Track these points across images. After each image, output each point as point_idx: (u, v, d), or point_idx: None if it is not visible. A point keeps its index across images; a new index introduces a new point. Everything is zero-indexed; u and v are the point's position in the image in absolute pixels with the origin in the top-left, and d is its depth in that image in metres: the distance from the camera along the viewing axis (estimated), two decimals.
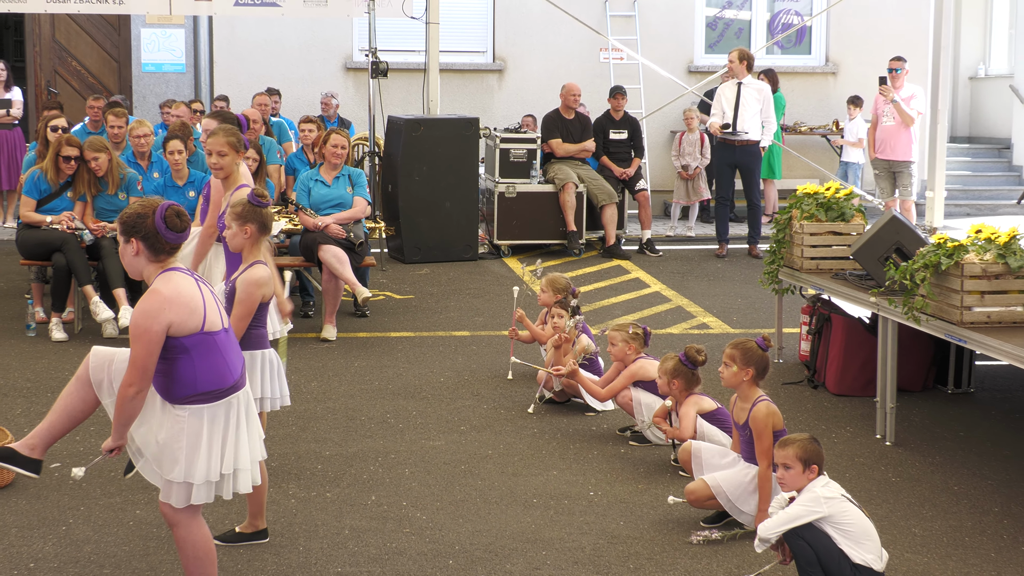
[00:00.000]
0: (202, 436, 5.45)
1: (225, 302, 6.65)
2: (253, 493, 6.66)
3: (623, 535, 7.02)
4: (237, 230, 6.74)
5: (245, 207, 6.76)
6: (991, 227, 7.86)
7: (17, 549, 6.69)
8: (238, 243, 6.78)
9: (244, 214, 6.74)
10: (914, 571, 6.57)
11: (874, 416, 8.90)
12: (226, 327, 5.60)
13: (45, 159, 11.73)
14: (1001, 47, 23.43)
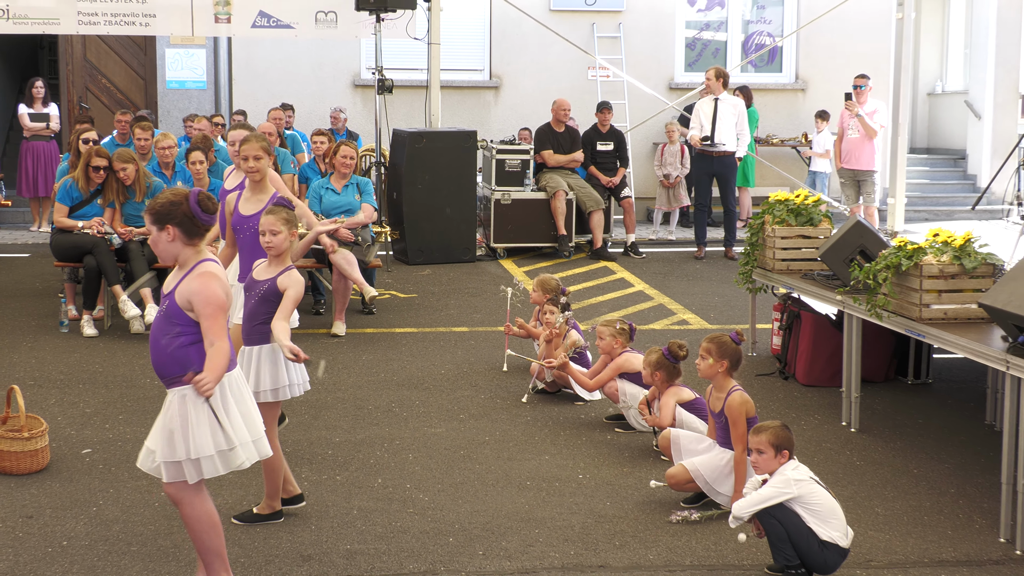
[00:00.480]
0: (202, 413, 5.42)
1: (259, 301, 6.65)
2: (269, 475, 6.68)
3: (609, 514, 7.02)
4: (287, 234, 6.68)
5: (288, 211, 6.74)
6: (948, 231, 7.86)
7: (51, 528, 6.69)
8: (285, 245, 6.71)
9: (288, 217, 6.71)
10: (877, 547, 6.57)
11: (840, 405, 8.90)
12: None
13: (77, 169, 11.73)
14: (956, 66, 23.44)
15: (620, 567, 6.28)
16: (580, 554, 6.44)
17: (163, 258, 5.54)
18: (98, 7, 15.52)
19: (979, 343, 7.01)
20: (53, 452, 7.83)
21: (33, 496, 7.17)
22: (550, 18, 19.17)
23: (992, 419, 8.77)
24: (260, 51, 19.33)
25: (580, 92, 19.10)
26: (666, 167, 17.87)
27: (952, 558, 6.46)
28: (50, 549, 6.40)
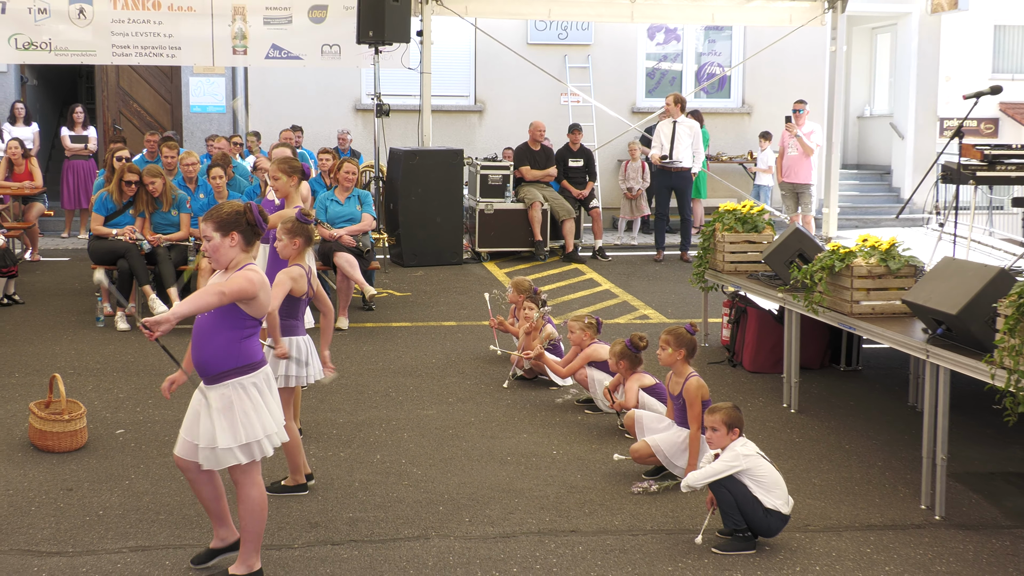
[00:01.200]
0: (247, 401, 5.37)
1: None
2: (292, 454, 6.68)
3: (580, 485, 7.02)
4: (288, 242, 6.72)
5: (294, 223, 6.73)
6: (875, 237, 7.88)
7: (89, 499, 6.66)
8: (288, 252, 6.75)
9: (294, 229, 6.72)
10: (814, 514, 6.59)
11: (781, 389, 8.92)
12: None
13: (111, 183, 11.72)
14: (883, 92, 23.51)
15: (590, 532, 6.28)
16: (554, 520, 6.44)
17: (220, 262, 5.40)
18: (130, 40, 15.48)
19: (903, 335, 7.03)
20: (90, 432, 7.80)
21: (72, 471, 7.14)
22: (527, 50, 19.17)
23: (914, 401, 8.79)
24: (273, 79, 19.30)
25: (554, 115, 19.11)
26: (629, 181, 17.91)
27: (879, 523, 6.47)
28: (88, 518, 6.38)
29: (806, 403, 8.84)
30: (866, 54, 23.91)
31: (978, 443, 7.88)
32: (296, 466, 6.76)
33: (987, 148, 11.49)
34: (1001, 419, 6.05)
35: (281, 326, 6.68)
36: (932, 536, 6.28)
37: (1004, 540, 6.24)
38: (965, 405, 8.19)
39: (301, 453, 6.77)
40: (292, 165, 8.24)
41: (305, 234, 6.73)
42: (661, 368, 7.64)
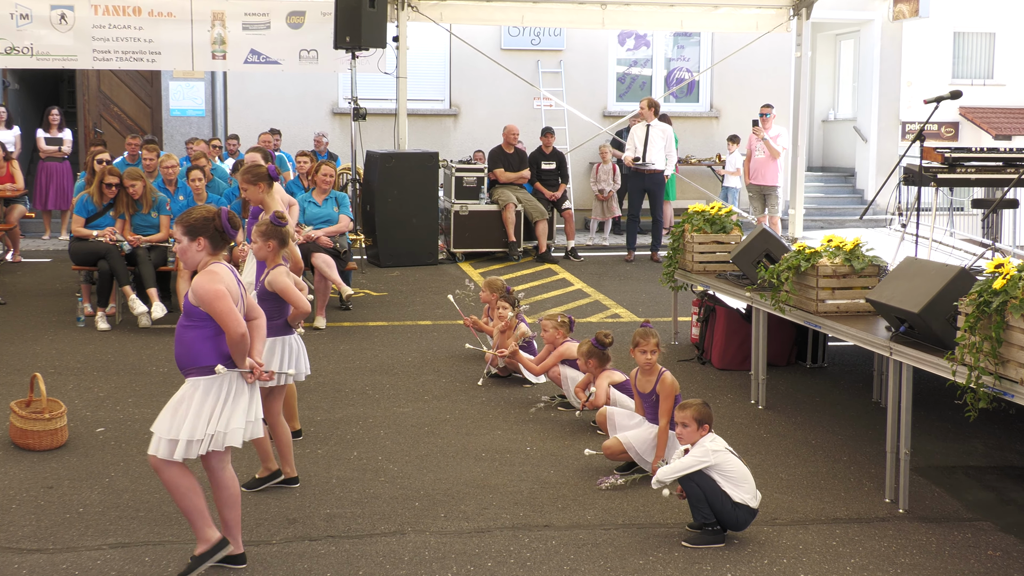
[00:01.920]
0: (194, 403, 5.34)
1: (260, 302, 6.64)
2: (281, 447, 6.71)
3: (553, 481, 7.00)
4: (262, 244, 6.71)
5: (268, 226, 6.70)
6: (840, 238, 7.90)
7: (70, 496, 6.60)
8: (263, 254, 6.76)
9: (267, 232, 6.70)
10: (781, 507, 6.59)
11: (749, 386, 8.93)
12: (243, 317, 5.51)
13: (92, 185, 11.64)
14: (846, 96, 23.63)
15: (562, 526, 6.27)
16: (528, 515, 6.42)
17: (188, 265, 5.48)
18: (111, 45, 15.39)
19: (867, 332, 7.04)
20: (71, 431, 7.74)
21: (53, 469, 7.08)
22: (501, 56, 19.16)
23: (878, 397, 8.82)
24: (251, 83, 19.24)
25: (527, 119, 19.12)
26: (600, 183, 17.92)
27: (845, 516, 6.48)
28: (68, 515, 6.32)
29: (773, 399, 8.85)
30: (830, 60, 24.02)
31: (940, 438, 7.90)
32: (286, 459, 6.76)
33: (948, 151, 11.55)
34: (962, 414, 6.07)
35: (271, 327, 6.63)
36: (896, 529, 6.29)
37: (966, 532, 6.26)
38: (927, 401, 8.23)
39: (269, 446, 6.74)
40: (255, 173, 8.14)
41: (278, 236, 6.70)
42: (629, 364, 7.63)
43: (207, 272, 5.39)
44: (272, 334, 6.64)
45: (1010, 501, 6.77)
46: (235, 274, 5.54)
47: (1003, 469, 7.35)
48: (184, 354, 5.42)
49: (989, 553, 5.97)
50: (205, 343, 5.38)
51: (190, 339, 5.39)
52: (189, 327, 5.40)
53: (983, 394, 5.78)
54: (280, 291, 6.60)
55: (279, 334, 6.75)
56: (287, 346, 6.83)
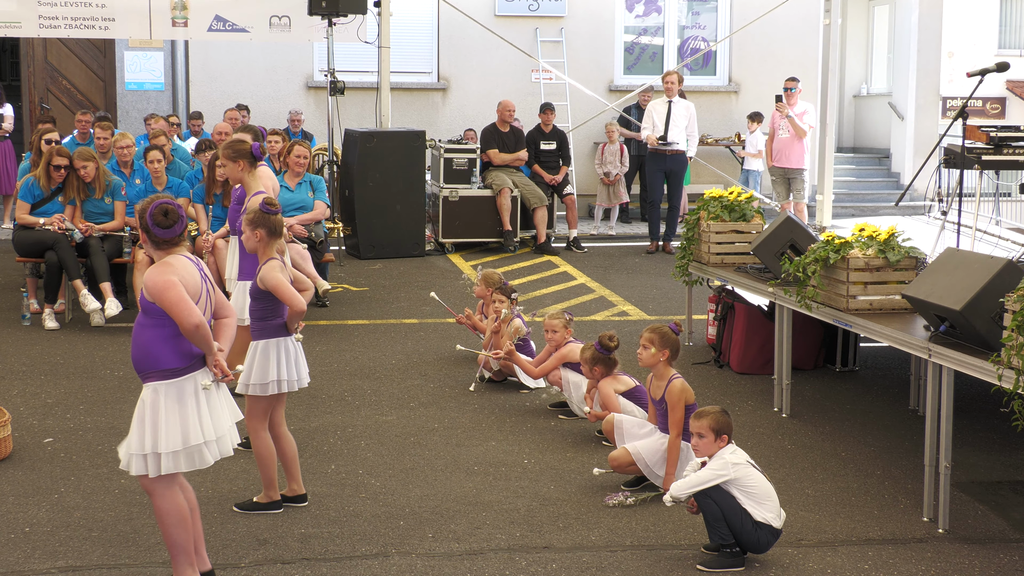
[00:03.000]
0: (161, 410, 5.36)
1: (251, 301, 6.71)
2: (262, 466, 6.68)
3: (553, 498, 7.03)
4: (250, 234, 6.67)
5: (257, 214, 6.67)
6: (873, 226, 7.91)
7: (14, 515, 6.62)
8: (252, 245, 6.71)
9: (255, 220, 6.65)
10: (808, 527, 6.62)
11: (772, 392, 8.95)
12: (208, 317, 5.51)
13: (38, 167, 11.63)
14: (881, 69, 23.65)
15: (564, 548, 6.29)
16: (525, 536, 6.44)
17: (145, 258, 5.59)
18: (59, 11, 15.38)
19: (903, 332, 7.07)
20: (15, 441, 7.75)
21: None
22: (495, 23, 19.15)
23: (915, 405, 8.85)
24: (216, 54, 19.21)
25: (524, 94, 19.10)
26: (606, 165, 17.91)
27: (878, 537, 6.51)
28: (13, 535, 6.33)
29: (799, 407, 8.88)
30: (863, 28, 24.03)
31: (984, 450, 7.93)
32: (269, 480, 6.72)
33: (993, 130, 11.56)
34: (1009, 423, 6.10)
35: (266, 328, 6.64)
36: (935, 551, 6.32)
37: (1012, 555, 6.29)
38: (970, 409, 8.25)
39: (274, 467, 6.72)
40: (236, 149, 8.07)
41: (267, 225, 6.63)
42: (641, 369, 7.65)
43: (160, 264, 5.42)
44: (268, 336, 6.64)
45: None
46: (199, 266, 5.55)
47: None
48: (142, 356, 5.42)
49: None
50: (165, 344, 5.39)
51: (148, 339, 5.40)
52: (147, 326, 5.41)
53: None
54: (272, 288, 6.54)
55: (275, 336, 6.69)
56: (284, 350, 6.73)
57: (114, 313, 11.05)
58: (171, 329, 5.37)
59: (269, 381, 6.60)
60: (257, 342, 6.66)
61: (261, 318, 6.64)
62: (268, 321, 6.63)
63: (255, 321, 6.68)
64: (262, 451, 6.64)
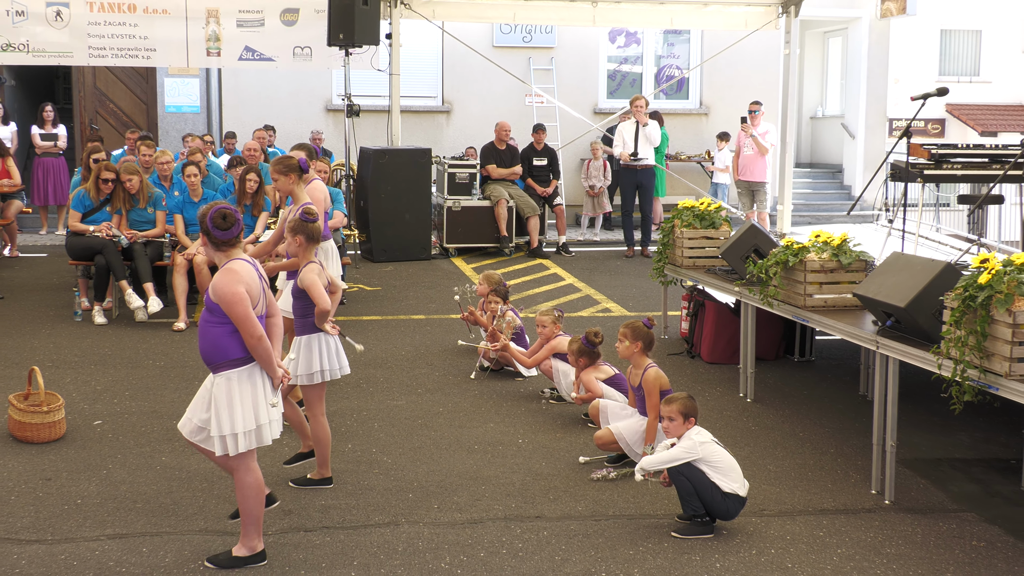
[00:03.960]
0: (236, 395, 5.40)
1: (294, 299, 6.69)
2: (321, 447, 6.68)
3: (545, 473, 7.03)
4: (291, 239, 6.66)
5: (296, 222, 6.66)
6: (827, 233, 7.92)
7: (67, 489, 6.62)
8: (292, 250, 6.68)
9: (295, 227, 6.64)
10: (769, 499, 6.62)
11: (738, 379, 8.96)
12: (262, 314, 5.54)
13: (88, 181, 11.63)
14: (834, 93, 23.65)
15: (554, 517, 6.29)
16: (520, 507, 6.44)
17: (210, 258, 5.61)
18: (106, 42, 15.36)
19: (854, 327, 7.07)
20: (68, 424, 7.75)
21: (51, 461, 7.09)
22: (493, 53, 19.14)
23: (865, 391, 8.86)
24: (246, 80, 19.20)
25: (519, 116, 19.09)
26: (591, 179, 17.93)
27: (832, 507, 6.52)
28: (66, 507, 6.33)
29: (761, 393, 8.88)
30: (818, 57, 24.04)
31: (926, 430, 7.94)
32: (323, 460, 6.73)
33: (934, 148, 11.57)
34: (948, 407, 6.10)
35: (307, 324, 6.62)
36: (882, 520, 6.33)
37: (951, 523, 6.30)
38: (913, 394, 8.26)
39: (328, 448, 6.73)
40: (285, 164, 8.09)
41: (306, 231, 6.60)
42: (622, 360, 7.66)
43: (226, 271, 5.41)
44: (309, 331, 6.61)
45: (995, 493, 6.81)
46: (256, 267, 5.56)
47: (988, 461, 7.39)
48: (212, 350, 5.44)
49: (973, 544, 6.01)
50: (231, 337, 5.41)
51: (216, 335, 5.42)
52: (213, 323, 5.42)
53: (968, 387, 5.81)
54: (306, 288, 6.53)
55: (316, 331, 6.66)
56: (324, 343, 6.71)
57: (155, 310, 11.04)
58: (234, 325, 5.39)
59: (314, 371, 6.59)
60: (300, 337, 6.64)
61: (303, 315, 6.63)
62: (309, 318, 6.60)
63: (298, 318, 6.66)
64: (320, 434, 6.65)
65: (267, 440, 5.53)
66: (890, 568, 5.67)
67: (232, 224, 5.50)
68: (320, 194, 8.69)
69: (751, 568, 5.65)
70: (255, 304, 5.42)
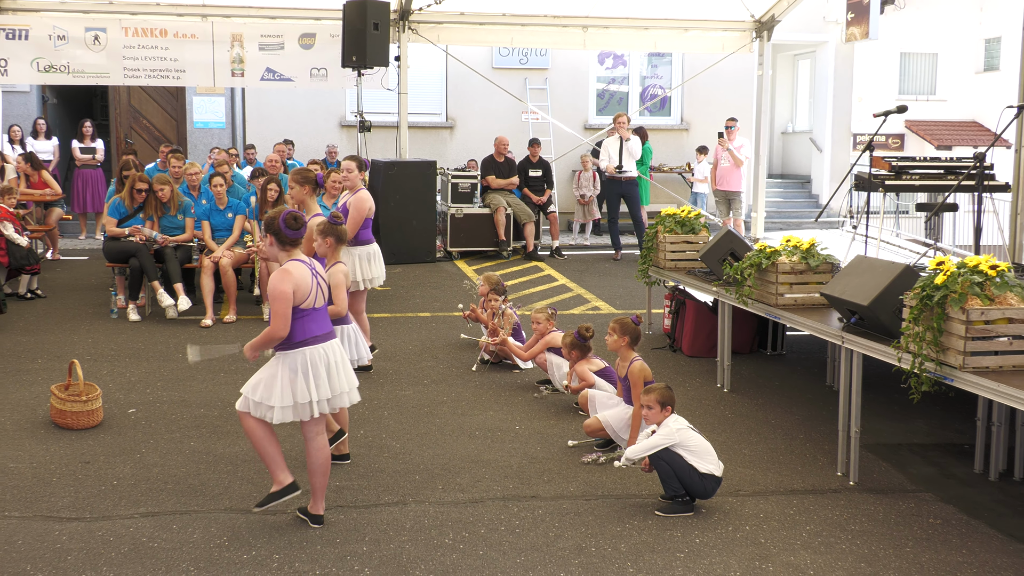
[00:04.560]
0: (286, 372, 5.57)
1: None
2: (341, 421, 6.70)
3: (540, 456, 7.02)
4: (321, 241, 6.79)
5: (326, 224, 6.79)
6: (797, 238, 7.92)
7: (104, 471, 6.61)
8: (323, 250, 6.82)
9: (325, 229, 6.78)
10: (744, 480, 6.62)
11: (716, 371, 8.96)
12: (317, 306, 5.68)
13: (123, 191, 11.62)
14: (803, 111, 23.66)
15: (548, 497, 6.29)
16: (517, 487, 6.44)
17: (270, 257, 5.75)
18: (139, 64, 15.35)
19: (821, 323, 7.07)
20: (105, 412, 7.75)
21: (90, 446, 7.08)
22: (493, 73, 19.16)
23: (831, 381, 8.85)
24: (267, 98, 19.20)
25: (516, 131, 19.11)
26: (582, 189, 17.94)
27: (801, 488, 6.51)
28: (103, 487, 6.33)
29: (737, 383, 8.88)
30: (788, 78, 24.05)
31: (887, 418, 7.94)
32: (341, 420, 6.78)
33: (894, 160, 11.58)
34: (907, 397, 6.10)
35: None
36: (847, 499, 6.32)
37: (909, 502, 6.30)
38: (875, 385, 8.26)
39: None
40: (304, 176, 8.26)
41: (335, 234, 6.80)
42: (610, 353, 7.66)
43: (282, 270, 5.57)
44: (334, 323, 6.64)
45: (950, 475, 6.81)
46: (312, 267, 5.69)
47: (944, 446, 7.39)
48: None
49: (930, 521, 6.01)
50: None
51: None
52: None
53: (925, 378, 5.81)
54: (333, 287, 6.64)
55: (338, 324, 6.84)
56: (346, 334, 6.94)
57: (185, 308, 11.03)
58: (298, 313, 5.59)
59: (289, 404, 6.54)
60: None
61: None
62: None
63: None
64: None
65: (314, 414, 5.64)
66: (854, 543, 5.68)
67: (301, 226, 5.67)
68: (367, 204, 8.82)
69: (727, 543, 5.65)
70: (305, 299, 5.57)
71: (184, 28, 15.37)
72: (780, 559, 5.46)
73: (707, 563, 5.39)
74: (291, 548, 5.49)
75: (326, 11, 15.63)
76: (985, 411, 6.73)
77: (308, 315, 5.62)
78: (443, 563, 5.34)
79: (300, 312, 5.57)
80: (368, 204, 8.92)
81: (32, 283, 12.27)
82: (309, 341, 5.61)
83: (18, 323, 10.91)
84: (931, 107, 23.33)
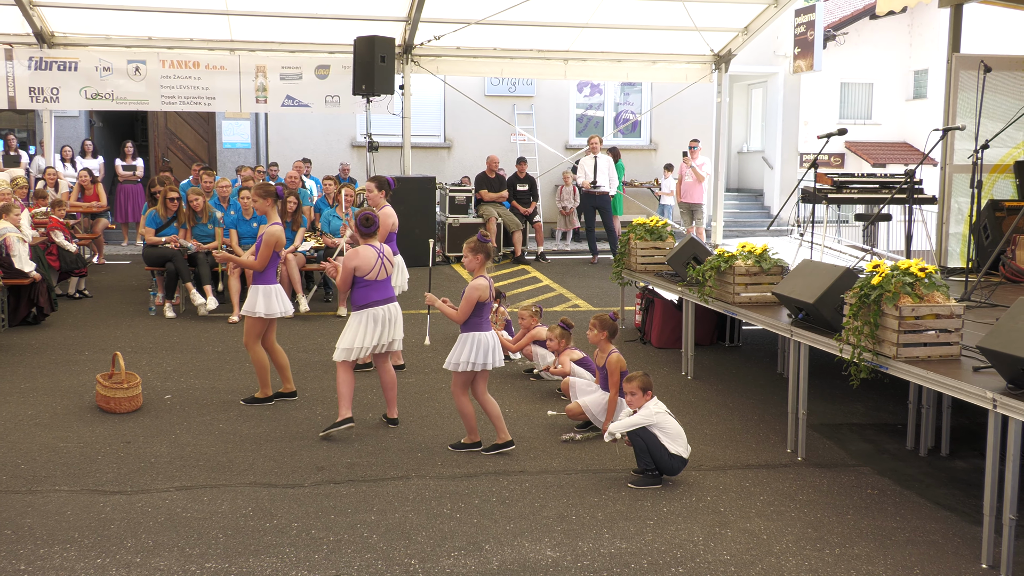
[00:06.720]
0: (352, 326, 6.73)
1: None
2: (492, 415, 6.60)
3: (526, 436, 7.01)
4: (472, 257, 6.45)
5: (476, 243, 6.44)
6: (751, 244, 7.92)
7: (143, 450, 6.57)
8: (472, 266, 6.46)
9: (475, 247, 6.45)
10: (705, 456, 6.61)
11: (681, 361, 8.95)
12: (380, 279, 6.73)
13: (157, 203, 11.58)
14: (756, 133, 23.71)
15: (534, 471, 6.27)
16: (507, 463, 6.42)
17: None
18: (175, 92, 15.28)
19: (773, 319, 7.07)
20: (144, 397, 7.70)
21: (130, 428, 7.04)
22: (485, 100, 19.13)
23: (782, 369, 8.86)
24: (287, 121, 19.15)
25: (505, 151, 19.10)
26: (563, 201, 17.93)
27: (756, 463, 6.51)
28: (142, 464, 6.29)
29: (699, 371, 8.88)
30: (743, 104, 24.09)
31: (830, 401, 7.95)
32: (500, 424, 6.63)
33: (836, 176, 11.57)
34: (847, 383, 6.10)
35: (470, 323, 6.41)
36: (796, 473, 6.32)
37: (850, 475, 6.30)
38: (820, 372, 8.27)
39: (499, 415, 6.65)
40: (266, 190, 7.87)
41: (485, 251, 6.43)
42: (589, 345, 7.64)
43: (353, 252, 6.67)
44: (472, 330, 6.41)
45: (884, 451, 6.82)
46: (379, 250, 6.69)
47: (879, 426, 7.40)
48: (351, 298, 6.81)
49: (868, 491, 6.01)
50: (357, 291, 6.75)
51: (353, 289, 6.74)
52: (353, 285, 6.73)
53: (864, 367, 5.81)
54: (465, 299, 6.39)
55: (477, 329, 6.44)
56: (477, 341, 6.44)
57: (213, 307, 10.99)
58: (359, 285, 6.70)
59: (460, 362, 6.40)
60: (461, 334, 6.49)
61: (476, 316, 6.48)
62: (470, 318, 6.46)
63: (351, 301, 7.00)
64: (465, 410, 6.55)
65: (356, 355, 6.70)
66: (802, 511, 5.67)
67: (372, 224, 6.77)
68: (391, 219, 8.68)
69: (691, 512, 5.64)
70: (368, 273, 6.67)
71: (214, 60, 15.31)
72: (737, 525, 5.45)
73: (673, 529, 5.38)
74: (308, 518, 5.46)
75: (339, 46, 15.60)
76: (916, 395, 6.74)
77: (371, 285, 6.71)
78: (442, 530, 5.32)
79: (364, 282, 6.65)
80: (392, 219, 8.82)
81: (80, 284, 12.22)
82: (372, 304, 6.69)
83: (68, 320, 10.85)
84: (868, 130, 23.39)
